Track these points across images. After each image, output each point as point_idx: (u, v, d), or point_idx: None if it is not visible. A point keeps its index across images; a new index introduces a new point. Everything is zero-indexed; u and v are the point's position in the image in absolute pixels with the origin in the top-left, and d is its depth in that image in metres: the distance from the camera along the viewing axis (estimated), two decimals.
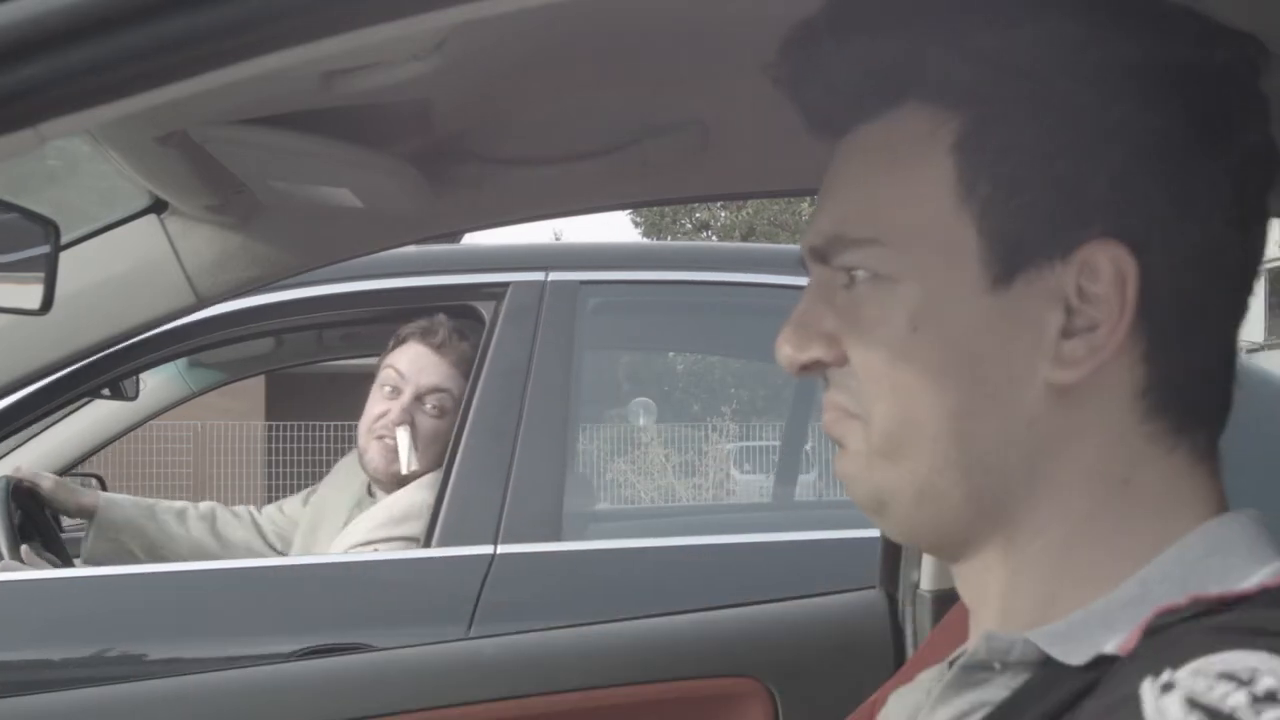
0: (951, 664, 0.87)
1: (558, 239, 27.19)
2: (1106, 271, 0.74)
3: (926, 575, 1.80)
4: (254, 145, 1.21)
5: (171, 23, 0.66)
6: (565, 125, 1.36)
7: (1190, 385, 0.77)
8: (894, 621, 1.86)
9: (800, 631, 1.89)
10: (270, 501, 3.38)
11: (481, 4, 0.73)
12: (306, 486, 3.39)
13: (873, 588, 1.92)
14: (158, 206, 1.43)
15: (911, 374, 0.78)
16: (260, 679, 1.79)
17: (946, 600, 1.65)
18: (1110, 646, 0.71)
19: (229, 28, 0.67)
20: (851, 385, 0.81)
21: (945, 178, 0.77)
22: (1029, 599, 0.78)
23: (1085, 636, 0.73)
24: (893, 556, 1.88)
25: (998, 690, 0.76)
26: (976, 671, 0.77)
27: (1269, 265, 25.52)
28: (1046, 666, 0.74)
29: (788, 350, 0.83)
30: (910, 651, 1.81)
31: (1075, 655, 0.73)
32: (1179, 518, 0.76)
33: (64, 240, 1.31)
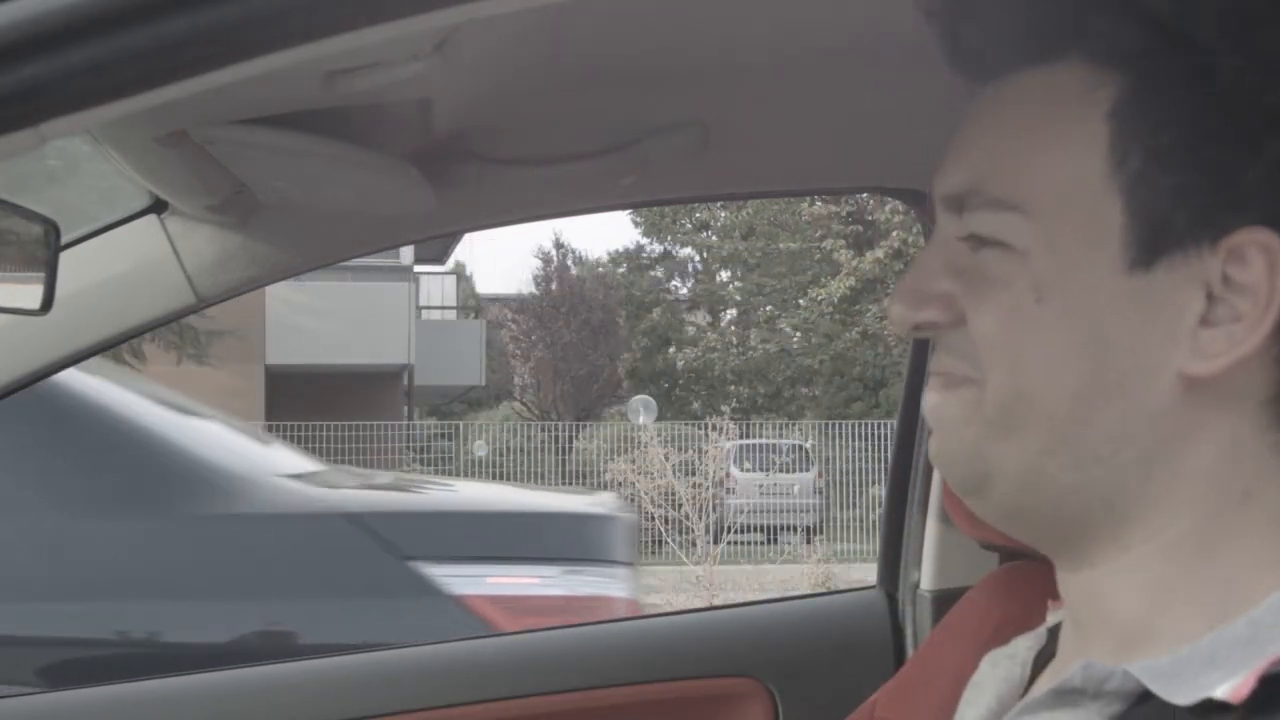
0: (1051, 632, 0.84)
1: (558, 239, 27.19)
2: (1257, 261, 0.70)
3: (927, 575, 1.80)
4: (254, 145, 1.21)
5: (172, 23, 0.66)
6: (565, 125, 1.36)
7: None
8: (894, 621, 1.85)
9: (800, 631, 1.89)
10: None
11: (481, 4, 0.73)
12: None
13: (873, 588, 1.92)
14: (158, 206, 1.43)
15: (1033, 347, 0.74)
16: (260, 679, 1.79)
17: (947, 600, 1.65)
18: (1221, 691, 0.67)
19: (229, 28, 0.67)
20: (965, 350, 0.77)
21: (1097, 144, 0.73)
22: (1127, 610, 0.74)
23: (1190, 676, 0.69)
24: (893, 556, 1.88)
25: (1090, 716, 0.72)
26: (1068, 695, 0.73)
27: None
28: (1146, 703, 0.70)
29: (900, 309, 0.79)
30: (910, 651, 1.81)
31: (1180, 695, 0.68)
32: None
33: (64, 240, 1.31)
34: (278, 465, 3.49)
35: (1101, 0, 0.73)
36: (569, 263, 27.13)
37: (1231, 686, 0.67)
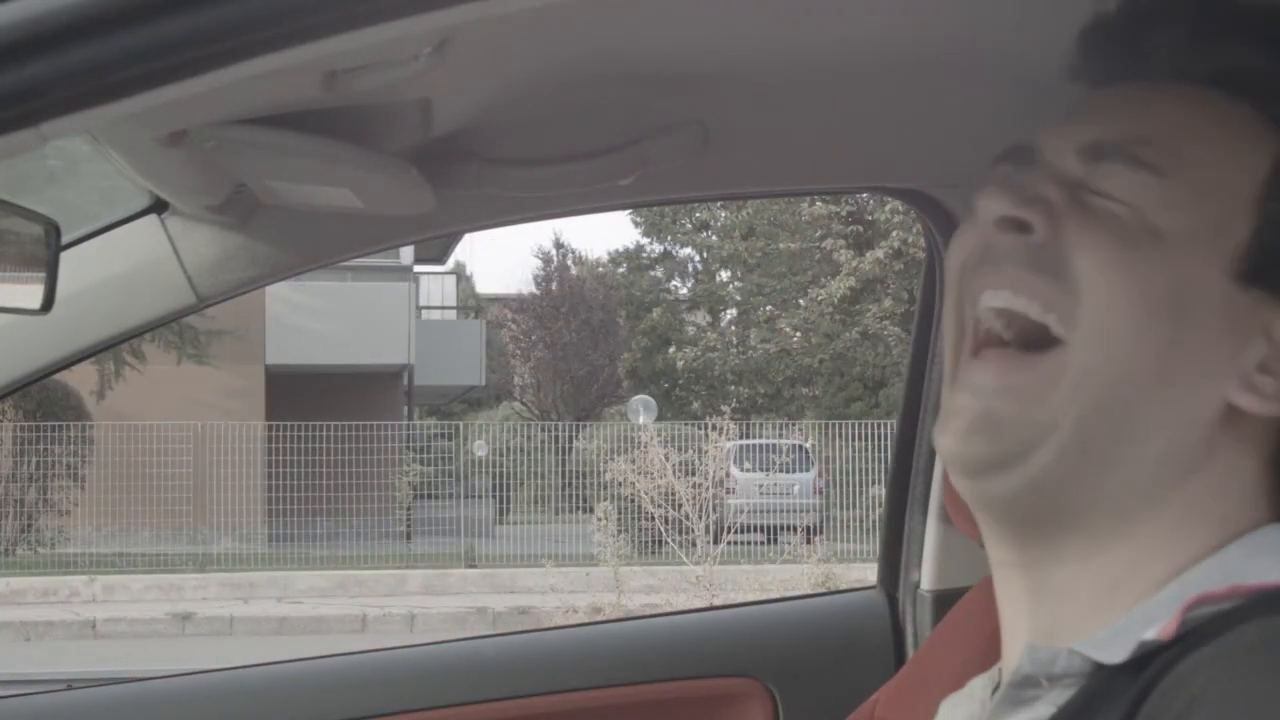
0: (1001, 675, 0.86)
1: (558, 239, 27.20)
2: None
3: (927, 575, 1.80)
4: (254, 145, 1.21)
5: (172, 23, 0.66)
6: (565, 125, 1.36)
7: None
8: (894, 621, 1.85)
9: (800, 631, 1.89)
10: (269, 502, 3.38)
11: (481, 4, 0.73)
12: (306, 487, 3.38)
13: (873, 588, 1.92)
14: (158, 206, 1.43)
15: (1133, 289, 0.76)
16: (260, 679, 1.79)
17: (947, 600, 1.65)
18: (1150, 633, 0.71)
19: (229, 28, 0.67)
20: (1046, 267, 0.77)
21: (1259, 174, 0.77)
22: (1084, 610, 0.78)
23: (1126, 636, 0.73)
24: (893, 556, 1.88)
25: (1046, 708, 0.75)
26: (1025, 689, 0.76)
27: None
28: (1094, 676, 0.73)
29: (1001, 199, 0.78)
30: (910, 651, 1.81)
31: (1116, 653, 0.72)
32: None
33: (64, 240, 1.31)
34: None
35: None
36: (569, 263, 27.13)
37: (1158, 628, 0.71)
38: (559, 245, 26.80)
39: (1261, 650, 0.67)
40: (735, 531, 13.09)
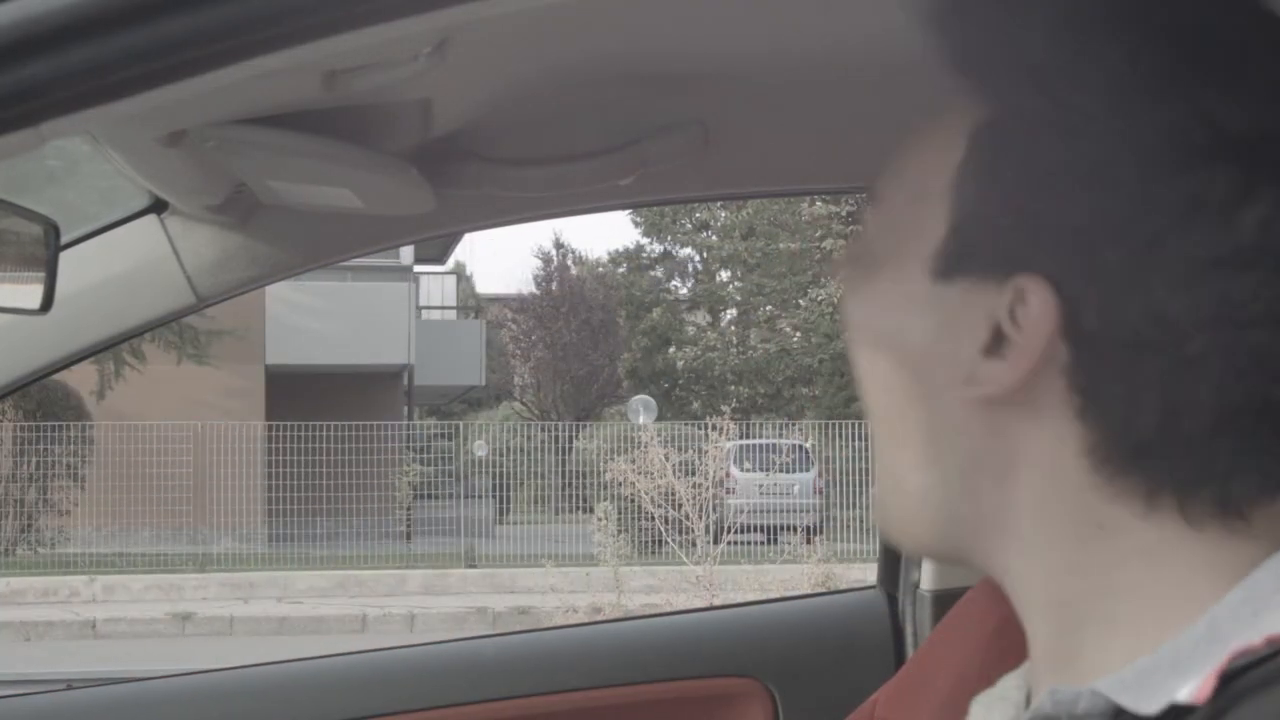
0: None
1: (558, 239, 27.20)
2: (1036, 307, 0.74)
3: (927, 575, 1.80)
4: (254, 145, 1.21)
5: (172, 23, 0.66)
6: (565, 125, 1.36)
7: (1154, 450, 0.73)
8: (894, 621, 1.85)
9: (800, 631, 1.89)
10: (269, 502, 3.37)
11: (481, 4, 0.73)
12: (306, 486, 3.37)
13: (873, 588, 1.92)
14: (158, 206, 1.43)
15: (858, 328, 0.81)
16: (260, 679, 1.79)
17: (947, 600, 1.65)
18: (1184, 694, 0.68)
19: (229, 28, 0.67)
20: None
21: (953, 159, 0.78)
22: (1040, 631, 0.77)
23: (1157, 683, 0.70)
24: (893, 556, 1.88)
25: None
26: None
27: None
28: (1118, 718, 0.71)
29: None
30: (910, 651, 1.81)
31: (1147, 704, 0.69)
32: (1185, 585, 0.73)
33: (64, 240, 1.31)
34: None
35: (993, 35, 0.77)
36: (569, 263, 27.13)
37: (1194, 688, 0.68)
38: (559, 245, 26.82)
39: None
40: (735, 531, 13.09)
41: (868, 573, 3.61)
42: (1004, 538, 0.77)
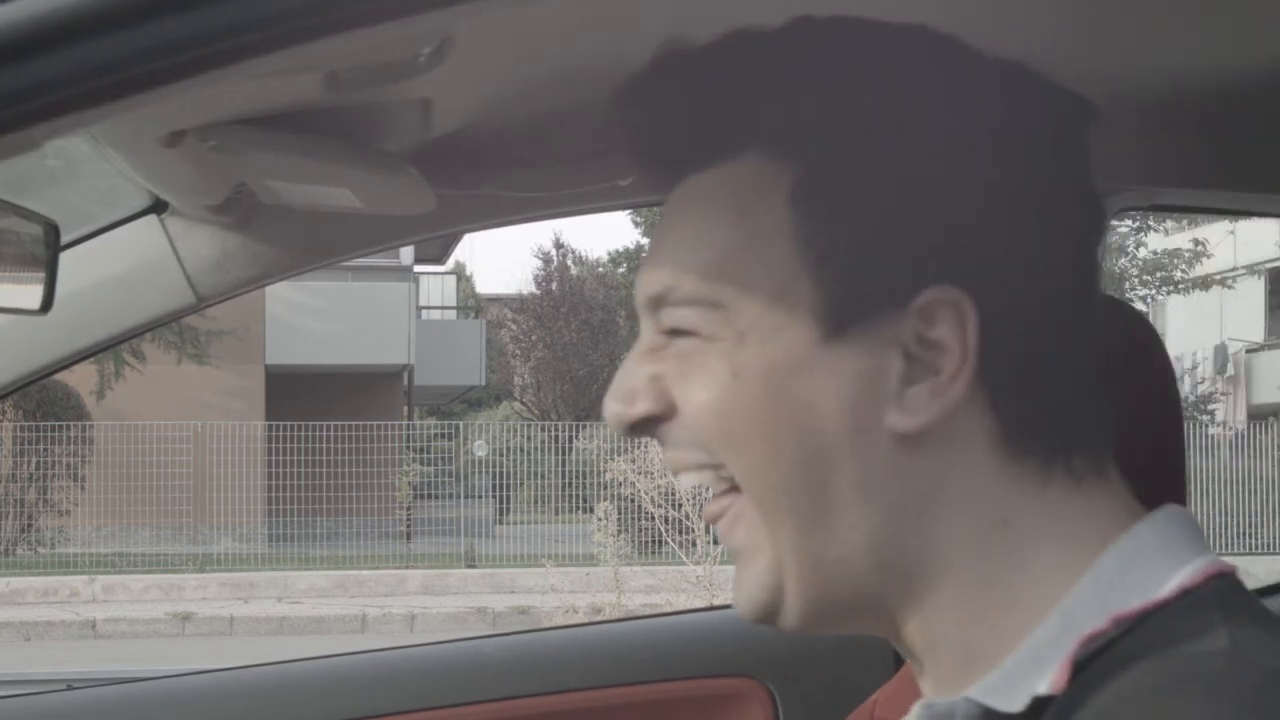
0: None
1: (558, 239, 27.18)
2: (946, 317, 0.74)
3: None
4: (254, 145, 1.21)
5: (172, 23, 0.66)
6: (565, 125, 1.36)
7: (1049, 424, 0.76)
8: None
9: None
10: (269, 502, 3.37)
11: (481, 4, 0.73)
12: (306, 486, 3.37)
13: None
14: (158, 206, 1.43)
15: (743, 422, 0.76)
16: (260, 679, 1.79)
17: None
18: (1043, 687, 0.71)
19: (229, 28, 0.67)
20: (690, 438, 0.79)
21: (782, 230, 0.76)
22: (948, 655, 0.77)
23: (1020, 680, 0.72)
24: None
25: None
26: None
27: (1269, 265, 25.19)
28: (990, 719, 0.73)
29: (615, 407, 0.80)
30: None
31: (1013, 702, 0.72)
32: (1081, 544, 0.75)
33: (64, 240, 1.31)
34: None
35: (766, 95, 0.77)
36: (569, 263, 27.13)
37: (1050, 679, 0.70)
38: (559, 245, 26.81)
39: (1154, 694, 0.66)
40: None
41: None
42: (924, 573, 0.76)
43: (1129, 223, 20.53)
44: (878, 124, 0.75)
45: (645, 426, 0.80)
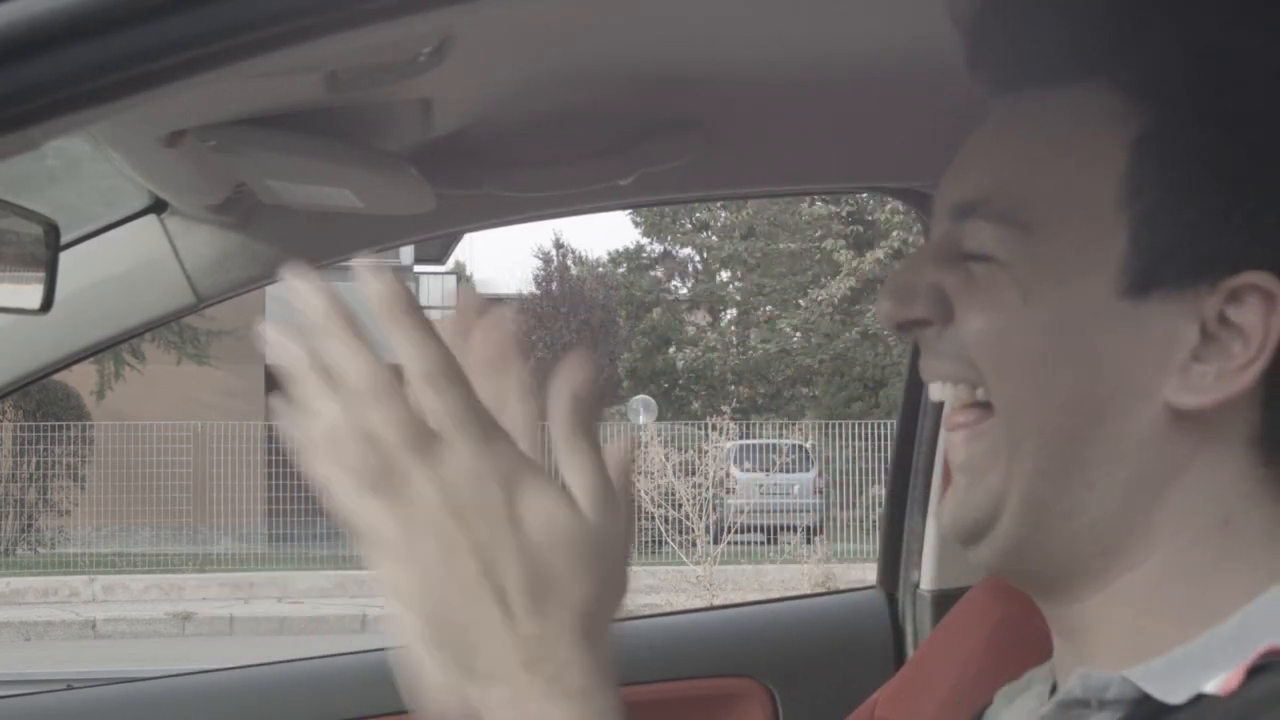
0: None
1: (558, 239, 27.17)
2: (1255, 304, 0.71)
3: (926, 575, 1.80)
4: (254, 145, 1.21)
5: (172, 23, 0.66)
6: (565, 125, 1.36)
7: None
8: (894, 621, 1.86)
9: (800, 631, 1.89)
10: (269, 502, 3.37)
11: (481, 4, 0.73)
12: (306, 486, 3.37)
13: (873, 588, 1.92)
14: (158, 206, 1.43)
15: (1019, 349, 0.74)
16: (260, 679, 1.79)
17: (946, 600, 1.65)
18: (1211, 686, 0.69)
19: (229, 28, 0.67)
20: (954, 351, 0.77)
21: (1114, 171, 0.73)
22: (1122, 634, 0.76)
23: (1185, 675, 0.71)
24: (893, 556, 1.88)
25: None
26: (1072, 708, 0.74)
27: None
28: (1144, 704, 0.71)
29: (889, 304, 0.79)
30: (910, 651, 1.81)
31: (1174, 694, 0.70)
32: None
33: (64, 240, 1.31)
34: None
35: (1146, 28, 0.73)
36: (569, 263, 27.13)
37: (1221, 680, 0.69)
38: (559, 245, 26.80)
39: None
40: (735, 531, 13.09)
41: (868, 573, 3.61)
42: (1129, 552, 0.75)
43: None
44: (1248, 86, 0.71)
45: (912, 328, 0.79)
